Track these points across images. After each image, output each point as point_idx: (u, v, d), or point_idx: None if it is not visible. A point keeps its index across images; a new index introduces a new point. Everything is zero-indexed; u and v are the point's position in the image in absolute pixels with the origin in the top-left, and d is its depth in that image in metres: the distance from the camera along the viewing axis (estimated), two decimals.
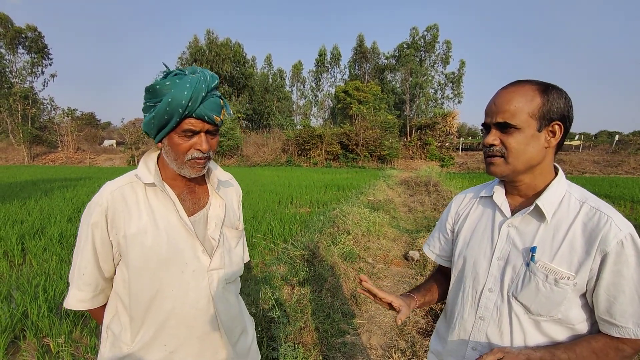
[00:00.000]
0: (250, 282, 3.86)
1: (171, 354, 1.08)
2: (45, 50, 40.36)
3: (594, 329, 0.95)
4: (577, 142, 39.09)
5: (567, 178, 1.03)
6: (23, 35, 38.35)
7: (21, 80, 39.50)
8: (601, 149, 36.57)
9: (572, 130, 1.02)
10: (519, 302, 0.96)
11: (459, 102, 44.98)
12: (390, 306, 1.10)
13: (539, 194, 1.00)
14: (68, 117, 39.33)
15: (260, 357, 1.38)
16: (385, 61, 47.49)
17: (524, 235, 0.99)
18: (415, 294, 1.22)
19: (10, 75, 38.82)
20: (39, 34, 39.43)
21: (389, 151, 33.73)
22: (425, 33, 44.01)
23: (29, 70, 39.68)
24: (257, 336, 2.71)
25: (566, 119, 0.95)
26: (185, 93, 0.94)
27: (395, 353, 2.88)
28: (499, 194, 1.08)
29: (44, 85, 41.37)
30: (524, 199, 1.03)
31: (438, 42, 44.14)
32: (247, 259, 1.34)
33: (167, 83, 0.97)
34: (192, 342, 1.10)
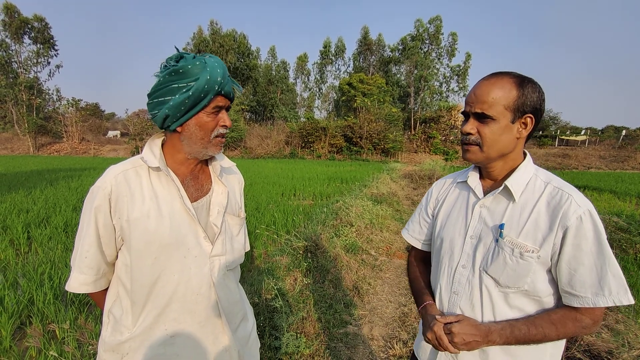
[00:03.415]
0: (253, 272, 3.88)
1: (172, 338, 1.09)
2: (52, 41, 40.34)
3: (561, 303, 1.01)
4: (583, 137, 38.73)
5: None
6: (29, 26, 38.31)
7: (26, 71, 39.57)
8: (607, 144, 36.26)
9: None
10: (489, 275, 1.03)
11: (465, 95, 44.52)
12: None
13: (508, 176, 1.07)
14: (73, 107, 39.44)
15: (259, 345, 1.39)
16: (390, 53, 47.06)
17: (494, 214, 1.06)
18: (430, 297, 1.22)
19: (15, 65, 38.89)
20: (45, 24, 39.39)
21: (393, 144, 33.63)
22: (429, 25, 43.48)
23: (35, 61, 39.73)
24: (259, 325, 2.74)
25: (538, 112, 1.01)
26: (219, 70, 1.02)
27: (396, 344, 2.90)
28: (473, 178, 1.15)
29: (49, 76, 41.41)
30: (495, 181, 1.11)
31: (442, 35, 43.62)
32: (247, 248, 1.34)
33: (197, 63, 1.00)
34: (193, 327, 1.11)
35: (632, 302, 0.93)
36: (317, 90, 54.03)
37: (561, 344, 1.06)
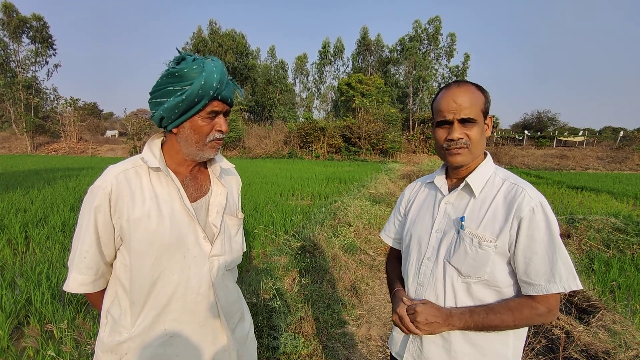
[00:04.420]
0: (252, 272, 3.88)
1: (171, 338, 1.09)
2: (50, 40, 40.22)
3: (520, 295, 1.07)
4: (581, 138, 38.81)
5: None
6: (27, 25, 38.18)
7: (24, 70, 39.44)
8: (605, 145, 36.36)
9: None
10: (452, 265, 1.10)
11: None
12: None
13: (468, 174, 1.15)
14: (71, 107, 39.31)
15: (256, 344, 1.40)
16: (389, 54, 47.08)
17: (457, 208, 1.15)
18: (400, 285, 1.32)
19: (13, 65, 38.76)
20: (43, 23, 39.26)
21: (392, 145, 33.63)
22: (428, 26, 43.52)
23: (33, 60, 39.61)
24: (258, 325, 2.74)
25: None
26: (216, 76, 1.01)
27: None
28: (440, 178, 1.25)
29: (48, 75, 41.31)
30: (458, 179, 1.20)
31: (441, 35, 43.64)
32: (244, 248, 1.35)
33: (195, 67, 1.00)
34: (192, 327, 1.11)
35: (580, 287, 1.00)
36: (316, 90, 54.01)
37: (523, 335, 1.12)
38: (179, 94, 1.00)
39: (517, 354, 1.12)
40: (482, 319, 1.02)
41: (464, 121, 1.08)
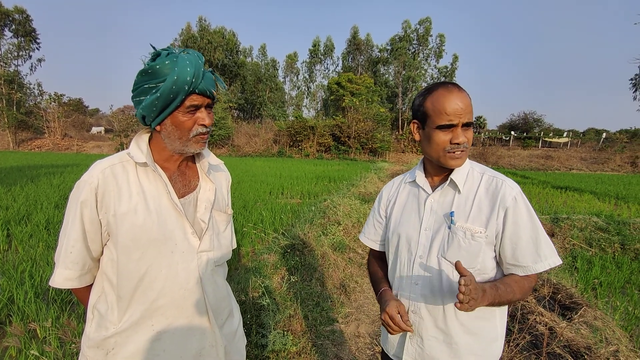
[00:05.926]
0: (241, 270, 3.86)
1: (159, 333, 1.08)
2: (33, 34, 39.21)
3: (499, 275, 1.16)
4: (565, 139, 39.58)
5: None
6: (10, 18, 37.15)
7: (6, 64, 38.38)
8: (588, 146, 37.16)
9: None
10: (447, 260, 1.14)
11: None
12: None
13: (451, 171, 1.19)
14: (55, 102, 38.42)
15: (245, 341, 1.40)
16: (379, 54, 47.29)
17: (444, 205, 1.19)
18: (387, 285, 1.31)
19: None
20: (26, 16, 38.24)
21: (381, 144, 33.81)
22: (418, 26, 43.84)
23: (15, 54, 38.57)
24: (246, 323, 2.73)
25: None
26: (189, 70, 0.98)
27: None
28: (420, 177, 1.27)
29: (31, 70, 40.23)
30: (441, 177, 1.24)
31: (431, 36, 44.00)
32: (234, 245, 1.35)
33: (167, 62, 0.98)
34: (180, 323, 1.10)
35: (561, 262, 1.10)
36: (306, 89, 53.91)
37: (504, 315, 1.20)
38: (154, 91, 0.99)
39: (503, 333, 1.20)
40: (503, 292, 1.05)
41: (466, 125, 1.11)
